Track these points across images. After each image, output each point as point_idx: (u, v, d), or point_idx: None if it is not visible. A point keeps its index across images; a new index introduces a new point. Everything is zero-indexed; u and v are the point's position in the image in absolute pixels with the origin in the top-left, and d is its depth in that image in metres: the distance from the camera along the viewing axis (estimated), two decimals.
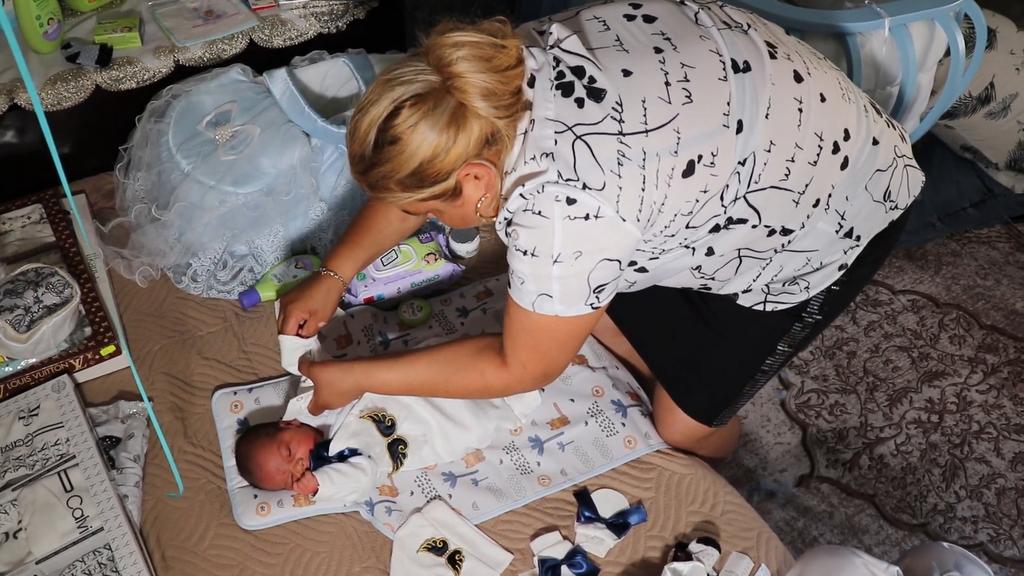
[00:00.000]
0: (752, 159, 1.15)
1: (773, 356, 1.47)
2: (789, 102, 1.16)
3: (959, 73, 1.83)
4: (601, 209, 1.09)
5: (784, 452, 2.12)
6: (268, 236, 1.79)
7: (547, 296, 1.16)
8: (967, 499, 2.05)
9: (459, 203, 1.18)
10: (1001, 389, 2.26)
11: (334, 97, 1.98)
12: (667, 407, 1.58)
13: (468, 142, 1.10)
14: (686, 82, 1.12)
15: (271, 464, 1.43)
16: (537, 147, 1.11)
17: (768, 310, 1.40)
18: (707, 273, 1.33)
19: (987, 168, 2.37)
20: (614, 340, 1.73)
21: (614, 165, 1.08)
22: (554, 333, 1.22)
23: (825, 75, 1.22)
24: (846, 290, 1.39)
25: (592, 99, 1.10)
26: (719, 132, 1.12)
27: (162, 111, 1.84)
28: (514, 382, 1.31)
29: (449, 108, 1.08)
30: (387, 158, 1.11)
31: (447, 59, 1.07)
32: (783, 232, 1.24)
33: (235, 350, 1.69)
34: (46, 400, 1.54)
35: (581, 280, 1.14)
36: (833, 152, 1.20)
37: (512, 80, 1.10)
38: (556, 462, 1.54)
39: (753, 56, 1.16)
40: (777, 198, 1.19)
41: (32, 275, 1.60)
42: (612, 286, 1.19)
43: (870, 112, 1.27)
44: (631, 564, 1.43)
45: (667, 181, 1.11)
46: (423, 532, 1.43)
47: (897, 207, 1.34)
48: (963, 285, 2.51)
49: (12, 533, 1.38)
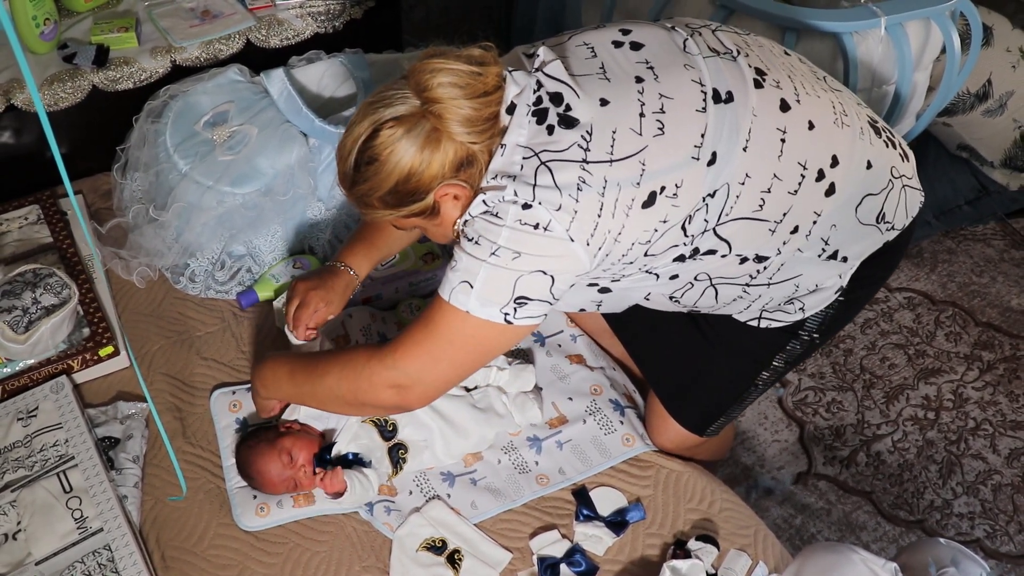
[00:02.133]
0: (725, 191, 1.15)
1: (768, 371, 1.48)
2: (771, 132, 1.16)
3: (955, 71, 1.84)
4: (551, 224, 1.10)
5: (781, 449, 2.13)
6: (266, 236, 1.80)
7: (467, 286, 1.15)
8: (963, 495, 2.06)
9: (438, 221, 1.22)
10: (997, 386, 2.27)
11: (331, 97, 1.98)
12: (660, 414, 1.59)
13: (443, 164, 1.14)
14: (661, 113, 1.13)
15: (272, 471, 1.43)
16: (502, 170, 1.14)
17: (763, 327, 1.40)
18: (687, 304, 1.33)
19: (982, 166, 2.38)
20: (610, 342, 1.73)
21: (573, 190, 1.10)
22: (454, 330, 1.19)
23: (818, 99, 1.22)
24: (844, 310, 1.40)
25: (563, 126, 1.12)
26: (687, 164, 1.13)
27: (159, 111, 1.84)
28: (381, 370, 1.24)
29: (425, 131, 1.12)
30: (366, 177, 1.17)
31: (426, 84, 1.11)
32: (757, 259, 1.25)
33: (233, 350, 1.69)
34: (45, 401, 1.54)
35: (508, 279, 1.13)
36: (817, 180, 1.20)
37: (488, 106, 1.13)
38: (554, 461, 1.54)
39: (737, 86, 1.16)
40: (749, 229, 1.20)
41: (30, 276, 1.60)
42: (534, 308, 1.16)
43: (867, 134, 1.26)
44: (630, 562, 1.44)
45: (625, 211, 1.12)
46: (422, 531, 1.44)
47: (894, 228, 1.33)
48: (959, 282, 2.52)
49: (11, 534, 1.38)
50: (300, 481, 1.44)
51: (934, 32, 1.80)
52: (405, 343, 1.23)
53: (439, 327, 1.20)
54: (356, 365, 1.27)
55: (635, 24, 1.23)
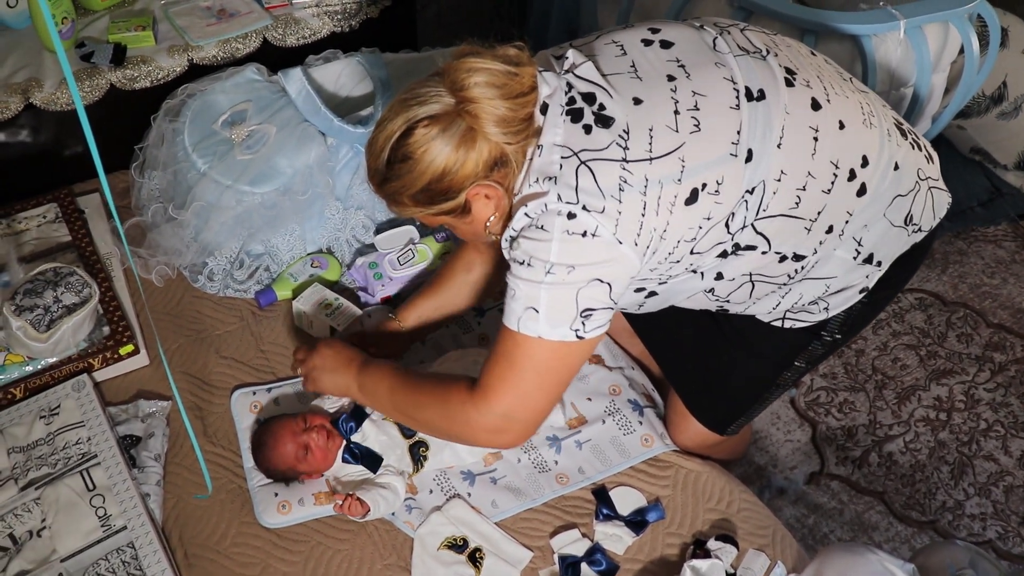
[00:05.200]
0: (761, 187, 1.16)
1: (790, 370, 1.48)
2: (804, 131, 1.17)
3: (973, 73, 1.84)
4: (599, 229, 1.10)
5: (794, 449, 2.13)
6: (284, 235, 1.80)
7: (533, 311, 1.14)
8: (975, 496, 2.06)
9: (468, 220, 1.22)
10: (1008, 387, 2.27)
11: (348, 96, 1.99)
12: (680, 413, 1.59)
13: (477, 164, 1.13)
14: (695, 111, 1.13)
15: (285, 430, 1.45)
16: (542, 172, 1.13)
17: (786, 327, 1.41)
18: (721, 296, 1.33)
19: (995, 168, 2.38)
20: (629, 341, 1.74)
21: (615, 191, 1.10)
22: (534, 359, 1.18)
23: (847, 100, 1.22)
24: (867, 311, 1.40)
25: (600, 125, 1.12)
26: (726, 161, 1.13)
27: (177, 110, 1.85)
28: (476, 415, 1.24)
29: (460, 131, 1.12)
30: (399, 174, 1.16)
31: (461, 83, 1.11)
32: (795, 258, 1.25)
33: (252, 349, 1.70)
34: (66, 399, 1.54)
35: (570, 296, 1.13)
36: (849, 180, 1.21)
37: (524, 107, 1.13)
38: (573, 460, 1.55)
39: (769, 84, 1.16)
40: (787, 226, 1.20)
41: (51, 275, 1.61)
42: (600, 317, 1.16)
43: (894, 136, 1.26)
44: (650, 561, 1.44)
45: (669, 208, 1.12)
46: (443, 530, 1.44)
47: (921, 230, 1.34)
48: (970, 284, 2.52)
49: (36, 531, 1.39)
50: (312, 443, 1.44)
51: (952, 34, 1.80)
52: (492, 383, 1.22)
53: (518, 359, 1.18)
54: (453, 406, 1.26)
55: (663, 23, 1.23)
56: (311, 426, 1.45)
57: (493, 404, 1.22)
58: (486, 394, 1.22)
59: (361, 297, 1.79)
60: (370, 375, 1.40)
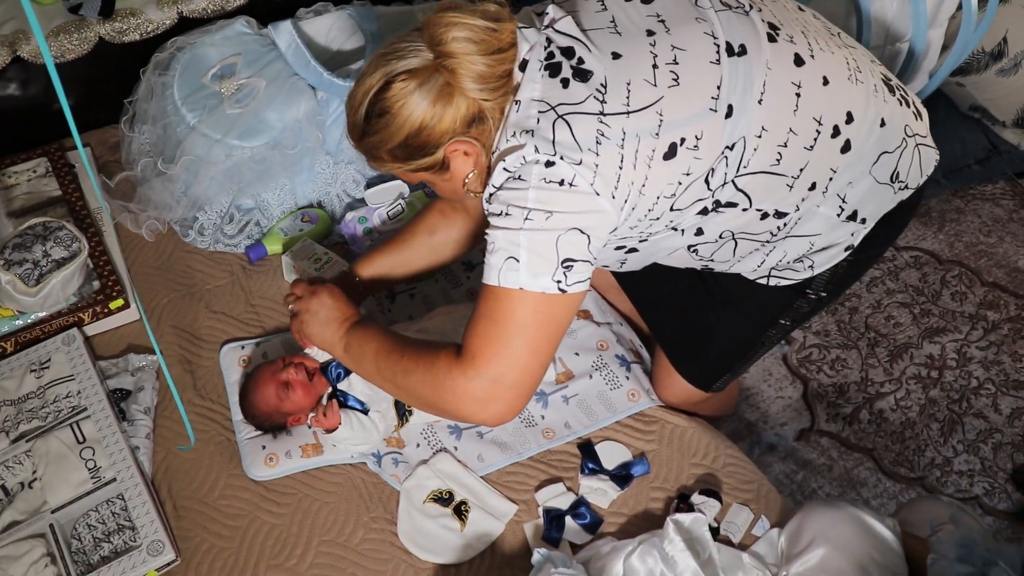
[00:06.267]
0: (742, 144, 1.15)
1: (774, 328, 1.48)
2: (785, 86, 1.16)
3: (971, 29, 1.81)
4: (576, 179, 1.10)
5: (785, 406, 2.14)
6: (274, 190, 1.80)
7: (514, 261, 1.11)
8: (964, 453, 2.07)
9: (447, 177, 1.22)
10: (1001, 346, 2.27)
11: (339, 50, 1.97)
12: (666, 369, 1.60)
13: (455, 119, 1.13)
14: (674, 64, 1.12)
15: (268, 371, 1.46)
16: (519, 125, 1.13)
17: (771, 284, 1.41)
18: (704, 256, 1.33)
19: (993, 125, 2.36)
20: (618, 298, 1.74)
21: (592, 144, 1.10)
22: (516, 314, 1.13)
23: (832, 55, 1.20)
24: (852, 269, 1.39)
25: (578, 79, 1.11)
26: (705, 116, 1.13)
27: (166, 64, 1.83)
28: (463, 381, 1.17)
29: (437, 85, 1.12)
30: (377, 129, 1.16)
31: (440, 38, 1.10)
32: (777, 215, 1.24)
33: (242, 303, 1.71)
34: (56, 353, 1.55)
35: (550, 241, 1.10)
36: (832, 136, 1.20)
37: (502, 63, 1.13)
38: (560, 415, 1.56)
39: (750, 39, 1.15)
40: (769, 183, 1.19)
41: (40, 229, 1.61)
42: (581, 270, 1.13)
43: (881, 92, 1.25)
44: (634, 515, 1.46)
45: (647, 162, 1.12)
46: (429, 483, 1.46)
47: (907, 187, 1.33)
48: (966, 242, 2.51)
49: (28, 483, 1.41)
50: (290, 379, 1.44)
51: None
52: (476, 344, 1.16)
53: (501, 316, 1.14)
54: (438, 372, 1.20)
55: None
56: (288, 363, 1.46)
57: (481, 368, 1.15)
58: (473, 357, 1.16)
59: (351, 251, 1.79)
60: (357, 336, 1.34)
